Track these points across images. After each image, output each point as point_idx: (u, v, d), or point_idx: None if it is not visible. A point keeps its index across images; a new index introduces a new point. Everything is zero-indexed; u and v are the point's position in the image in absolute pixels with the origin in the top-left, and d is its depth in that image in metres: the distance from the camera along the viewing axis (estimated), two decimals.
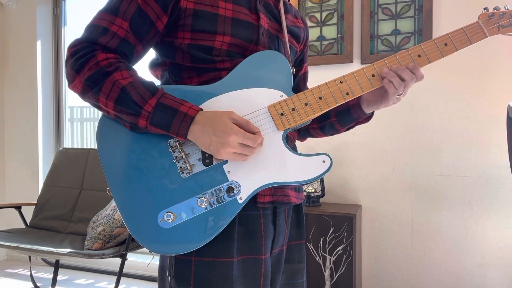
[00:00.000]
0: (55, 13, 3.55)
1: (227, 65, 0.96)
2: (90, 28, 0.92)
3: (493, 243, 2.31)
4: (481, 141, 2.33)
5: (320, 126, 1.15)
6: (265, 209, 1.00)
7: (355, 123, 1.12)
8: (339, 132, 1.16)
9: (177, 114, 0.86)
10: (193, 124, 0.86)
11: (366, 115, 1.08)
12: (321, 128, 1.16)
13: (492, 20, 1.00)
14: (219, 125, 0.86)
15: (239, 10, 0.97)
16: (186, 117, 0.86)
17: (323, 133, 1.18)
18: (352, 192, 2.61)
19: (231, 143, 0.85)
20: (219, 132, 0.85)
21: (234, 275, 0.93)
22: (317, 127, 1.16)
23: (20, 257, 3.55)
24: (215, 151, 0.86)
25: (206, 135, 0.86)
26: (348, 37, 2.57)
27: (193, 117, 0.87)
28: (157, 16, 0.92)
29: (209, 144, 0.86)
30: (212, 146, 0.86)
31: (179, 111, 0.87)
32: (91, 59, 0.88)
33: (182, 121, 0.86)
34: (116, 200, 0.90)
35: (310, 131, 1.19)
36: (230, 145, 0.85)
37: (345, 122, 1.11)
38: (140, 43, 0.93)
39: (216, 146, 0.85)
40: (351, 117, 1.09)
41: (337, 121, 1.11)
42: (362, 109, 1.06)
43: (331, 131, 1.16)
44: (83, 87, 0.89)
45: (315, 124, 1.16)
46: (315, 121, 1.15)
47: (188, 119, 0.86)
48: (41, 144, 3.48)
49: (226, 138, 0.85)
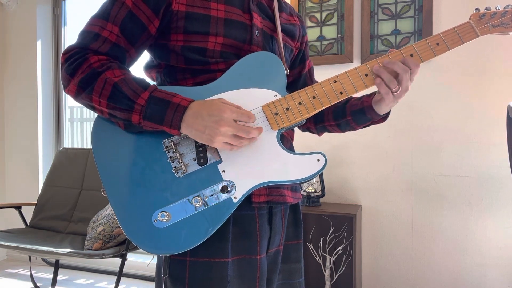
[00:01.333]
0: (55, 13, 3.56)
1: (221, 66, 0.97)
2: (83, 34, 0.93)
3: (493, 243, 2.31)
4: (481, 141, 2.33)
5: (337, 123, 1.16)
6: (260, 209, 1.00)
7: (370, 123, 1.12)
8: (355, 130, 1.16)
9: (169, 106, 0.86)
10: (186, 112, 0.86)
11: (380, 116, 1.09)
12: (338, 125, 1.16)
13: (483, 20, 1.01)
14: (213, 105, 0.86)
15: (232, 10, 0.98)
16: (179, 107, 0.86)
17: (340, 130, 1.18)
18: (352, 192, 2.61)
19: (226, 119, 0.85)
20: (213, 111, 0.85)
21: (229, 275, 0.93)
22: (334, 124, 1.16)
23: (20, 257, 3.55)
24: (211, 133, 0.85)
25: (200, 119, 0.85)
26: (348, 37, 2.57)
27: (186, 107, 0.87)
28: (148, 20, 0.93)
29: (204, 127, 0.85)
30: (208, 129, 0.85)
31: (171, 102, 0.87)
32: (84, 62, 0.89)
33: (175, 112, 0.86)
34: (110, 201, 0.90)
35: (327, 127, 1.20)
36: (226, 122, 0.84)
37: (360, 121, 1.12)
38: (132, 47, 0.94)
39: (211, 128, 0.84)
40: (365, 117, 1.09)
41: (353, 120, 1.12)
42: (374, 109, 1.06)
43: (347, 128, 1.16)
44: (76, 89, 0.90)
45: (332, 121, 1.16)
46: (331, 118, 1.16)
47: (181, 109, 0.86)
48: (41, 144, 3.49)
49: (221, 114, 0.85)
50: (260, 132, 0.90)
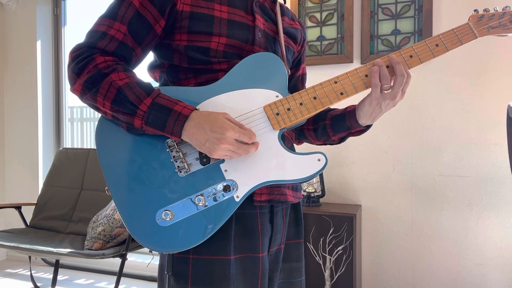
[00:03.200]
0: (55, 13, 3.56)
1: (224, 66, 0.98)
2: (91, 34, 0.95)
3: (493, 243, 2.31)
4: (481, 141, 2.33)
5: (314, 127, 1.15)
6: (262, 208, 1.01)
7: (347, 133, 1.10)
8: (330, 139, 1.14)
9: (171, 113, 0.88)
10: (187, 122, 0.87)
11: (360, 126, 1.07)
12: (315, 130, 1.15)
13: (482, 22, 1.03)
14: (216, 121, 0.87)
15: (235, 12, 0.99)
16: (180, 116, 0.87)
17: (316, 137, 1.16)
18: (352, 192, 2.61)
19: (228, 139, 0.86)
20: (216, 128, 0.86)
21: (232, 273, 0.94)
22: (312, 129, 1.16)
23: (20, 257, 3.55)
24: (211, 147, 0.87)
25: (202, 131, 0.86)
26: (348, 37, 2.57)
27: (187, 115, 0.88)
28: (155, 20, 0.94)
29: (205, 140, 0.87)
30: (208, 143, 0.86)
31: (173, 110, 0.88)
32: (90, 62, 0.90)
33: (176, 120, 0.87)
34: (115, 199, 0.92)
35: (305, 132, 1.18)
36: (227, 141, 0.86)
37: (337, 128, 1.10)
38: (139, 46, 0.95)
39: (212, 142, 0.86)
40: (344, 124, 1.08)
41: (330, 125, 1.10)
42: (356, 117, 1.05)
43: (324, 135, 1.14)
44: (82, 89, 0.91)
45: (310, 125, 1.16)
46: (311, 122, 1.15)
47: (182, 118, 0.87)
48: (41, 144, 3.49)
49: (224, 133, 0.86)
50: (257, 148, 0.92)
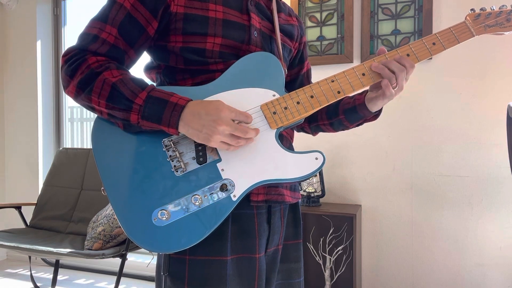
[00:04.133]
0: (55, 13, 3.56)
1: (220, 66, 0.98)
2: (82, 36, 0.94)
3: (493, 243, 2.31)
4: (481, 141, 2.33)
5: (330, 122, 1.17)
6: (259, 208, 1.00)
7: (363, 121, 1.13)
8: (349, 128, 1.18)
9: (167, 105, 0.87)
10: (184, 111, 0.87)
11: (372, 114, 1.09)
12: (331, 124, 1.17)
13: (478, 20, 1.03)
14: (211, 105, 0.87)
15: (230, 12, 0.99)
16: (176, 107, 0.87)
17: (333, 129, 1.19)
18: (352, 192, 2.61)
19: (224, 118, 0.85)
20: (211, 110, 0.86)
21: (228, 273, 0.94)
22: (328, 123, 1.18)
23: (20, 257, 3.55)
24: (208, 132, 0.85)
25: (197, 117, 0.86)
26: (348, 37, 2.57)
27: (184, 106, 0.87)
28: (147, 22, 0.94)
29: (202, 126, 0.86)
30: (205, 128, 0.85)
31: (169, 101, 0.87)
32: (82, 63, 0.90)
33: (173, 111, 0.87)
34: (110, 200, 0.91)
35: (321, 126, 1.21)
36: (223, 121, 0.85)
37: (353, 119, 1.13)
38: (131, 48, 0.95)
39: (209, 126, 0.85)
40: (358, 115, 1.10)
41: (345, 118, 1.13)
42: (367, 107, 1.07)
43: (341, 127, 1.17)
44: (76, 90, 0.91)
45: (325, 121, 1.18)
46: (325, 117, 1.17)
47: (178, 108, 0.87)
48: (41, 144, 3.49)
49: (219, 114, 0.85)
50: (257, 133, 0.91)
